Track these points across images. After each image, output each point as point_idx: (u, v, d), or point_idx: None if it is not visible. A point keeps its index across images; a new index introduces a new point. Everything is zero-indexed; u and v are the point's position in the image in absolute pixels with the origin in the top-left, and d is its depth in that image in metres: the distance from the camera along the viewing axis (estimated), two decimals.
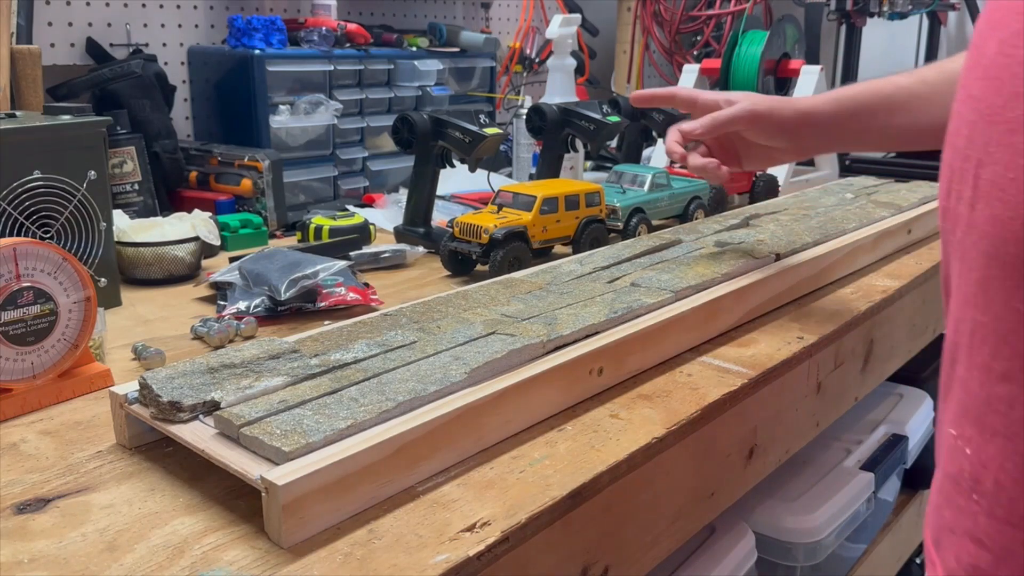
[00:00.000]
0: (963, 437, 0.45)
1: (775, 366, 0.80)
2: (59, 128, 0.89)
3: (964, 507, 0.45)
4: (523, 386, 0.65)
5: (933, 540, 0.49)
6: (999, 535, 0.43)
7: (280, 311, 0.92)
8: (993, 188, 0.41)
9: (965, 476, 0.44)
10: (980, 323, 0.43)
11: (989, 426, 0.42)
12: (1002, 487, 0.42)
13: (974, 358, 0.43)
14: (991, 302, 0.42)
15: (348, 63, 1.50)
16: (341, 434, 0.55)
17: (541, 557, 0.56)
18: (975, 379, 0.43)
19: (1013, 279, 0.40)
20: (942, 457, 0.48)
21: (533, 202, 1.07)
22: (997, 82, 0.41)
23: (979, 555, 0.44)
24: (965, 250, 0.44)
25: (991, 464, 0.43)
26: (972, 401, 0.44)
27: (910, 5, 2.00)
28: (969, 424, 0.44)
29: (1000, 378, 0.42)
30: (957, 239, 0.44)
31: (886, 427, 1.31)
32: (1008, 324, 0.41)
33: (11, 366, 0.69)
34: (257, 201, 1.32)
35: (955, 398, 0.46)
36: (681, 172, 1.44)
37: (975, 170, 0.42)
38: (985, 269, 0.42)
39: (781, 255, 0.99)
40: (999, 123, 0.40)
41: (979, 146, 0.42)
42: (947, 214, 0.46)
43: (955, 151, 0.45)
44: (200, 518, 0.55)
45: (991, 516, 0.43)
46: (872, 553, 1.25)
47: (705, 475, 0.73)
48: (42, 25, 1.32)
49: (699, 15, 2.27)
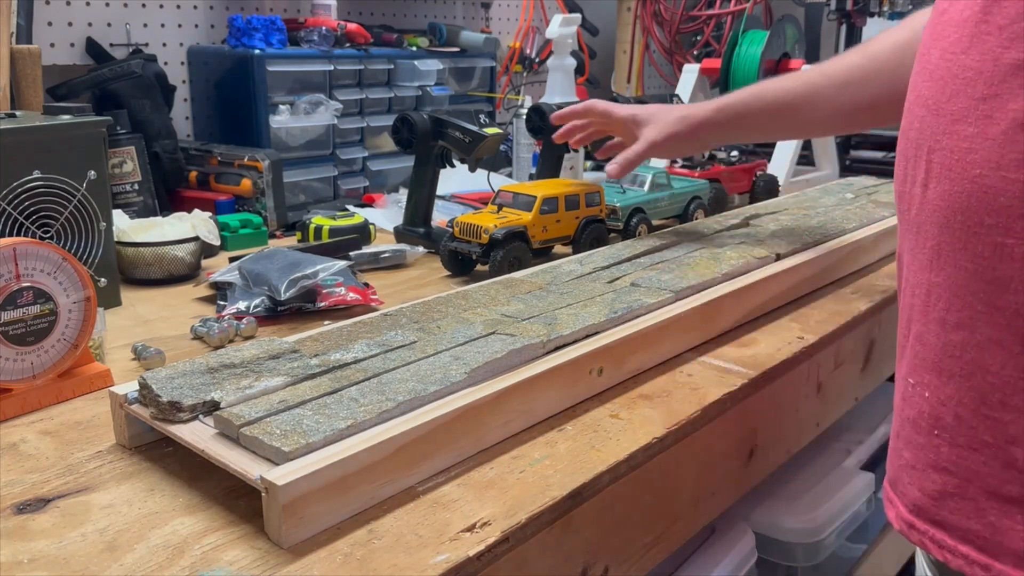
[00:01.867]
0: (921, 384, 0.52)
1: (775, 366, 0.80)
2: (59, 128, 0.89)
3: (925, 443, 0.52)
4: (523, 386, 0.65)
5: (890, 482, 0.57)
6: (963, 460, 0.50)
7: (280, 311, 0.92)
8: (942, 169, 0.49)
9: (924, 416, 0.52)
10: (934, 283, 0.50)
11: (946, 370, 0.49)
12: (962, 419, 0.49)
13: (929, 314, 0.51)
14: (944, 265, 0.49)
15: (348, 63, 1.50)
16: (341, 434, 0.55)
17: (541, 557, 0.56)
18: (931, 332, 0.51)
19: (961, 242, 0.48)
20: (899, 406, 0.55)
21: (533, 202, 1.07)
22: (941, 82, 0.49)
23: (945, 480, 0.50)
24: (920, 225, 0.51)
25: (950, 401, 0.50)
26: (928, 352, 0.51)
27: (910, 5, 1.99)
28: (926, 371, 0.51)
29: (954, 327, 0.49)
30: (912, 217, 0.52)
31: (886, 427, 1.31)
32: (959, 280, 0.48)
33: (11, 366, 0.69)
34: (257, 201, 1.32)
35: (911, 353, 0.53)
36: (681, 172, 1.44)
37: (927, 156, 0.50)
38: (938, 237, 0.49)
39: (781, 255, 0.99)
40: (944, 115, 0.49)
41: (928, 135, 0.50)
42: (903, 197, 0.54)
43: (908, 142, 0.53)
44: (200, 518, 0.55)
45: (953, 445, 0.50)
46: (872, 553, 1.25)
47: (705, 475, 0.73)
48: (42, 25, 1.32)
49: (699, 15, 2.27)
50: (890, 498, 0.56)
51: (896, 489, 0.56)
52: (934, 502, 0.52)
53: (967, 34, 0.48)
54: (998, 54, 0.46)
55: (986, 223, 0.46)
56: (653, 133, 1.01)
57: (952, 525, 0.51)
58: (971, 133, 0.47)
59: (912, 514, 0.53)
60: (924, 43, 0.53)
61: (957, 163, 0.48)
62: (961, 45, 0.48)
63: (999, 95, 0.46)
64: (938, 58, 0.50)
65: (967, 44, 0.48)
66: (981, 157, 0.46)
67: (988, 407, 0.48)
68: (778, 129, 1.07)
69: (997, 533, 0.48)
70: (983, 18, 0.47)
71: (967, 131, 0.47)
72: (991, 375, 0.47)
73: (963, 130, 0.47)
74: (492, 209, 1.10)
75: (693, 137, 1.01)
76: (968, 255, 0.48)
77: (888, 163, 1.93)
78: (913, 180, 0.52)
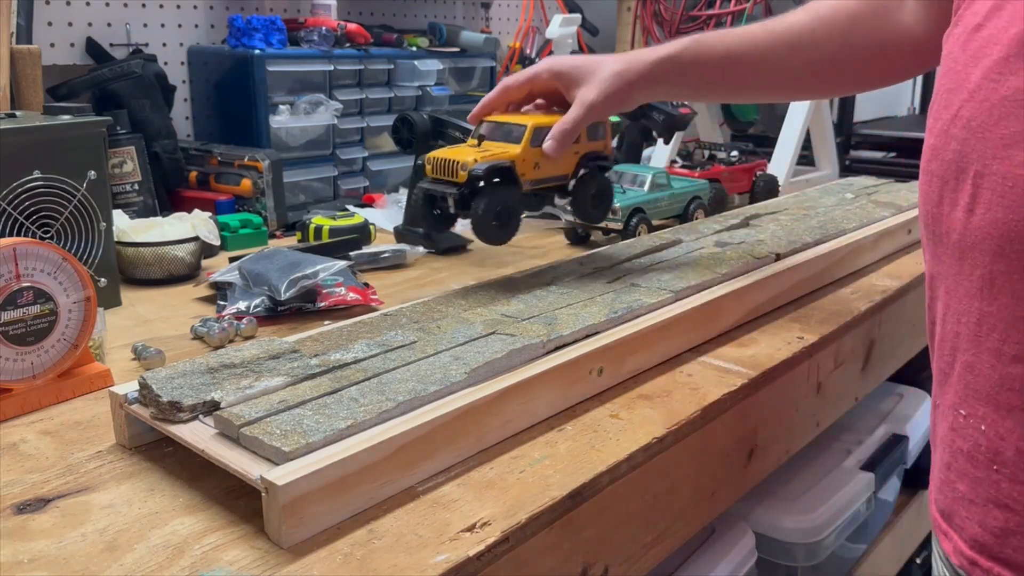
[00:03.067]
0: (975, 416, 0.50)
1: (775, 366, 0.80)
2: (59, 128, 0.89)
3: (983, 478, 0.50)
4: (523, 386, 0.65)
5: (943, 514, 0.55)
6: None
7: (280, 311, 0.92)
8: (993, 195, 0.47)
9: (982, 450, 0.50)
10: (987, 313, 0.48)
11: (1005, 403, 0.48)
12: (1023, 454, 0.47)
13: (982, 344, 0.49)
14: (998, 294, 0.47)
15: (348, 63, 1.50)
16: (341, 434, 0.55)
17: (541, 557, 0.56)
18: (984, 363, 0.49)
19: (1018, 271, 0.46)
20: (948, 437, 0.53)
21: (522, 132, 0.86)
22: (987, 104, 0.47)
23: (1007, 518, 0.49)
24: (964, 251, 0.49)
25: (1010, 436, 0.48)
26: (982, 383, 0.49)
27: None
28: (981, 404, 0.49)
29: (1012, 360, 0.47)
30: (952, 241, 0.50)
31: (886, 427, 1.31)
32: (1017, 312, 0.47)
33: (11, 366, 0.69)
34: (257, 201, 1.32)
35: (959, 383, 0.51)
36: (681, 172, 1.44)
37: (973, 180, 0.48)
38: (991, 265, 0.47)
39: (781, 255, 0.99)
40: (993, 139, 0.47)
41: (975, 159, 0.48)
42: (939, 219, 0.52)
43: (945, 164, 0.50)
44: (200, 518, 0.55)
45: (1015, 481, 0.48)
46: (872, 553, 1.25)
47: (705, 475, 0.73)
48: (42, 25, 1.32)
49: (699, 15, 2.26)
50: (944, 531, 0.55)
51: (952, 522, 0.54)
52: (996, 539, 0.50)
53: (1015, 53, 0.46)
54: None
55: None
56: (591, 95, 0.85)
57: (1016, 563, 0.49)
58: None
59: (974, 550, 0.52)
60: (956, 59, 0.51)
61: (1011, 190, 0.46)
62: (1009, 65, 0.46)
63: None
64: (980, 76, 0.48)
65: (1016, 64, 0.46)
66: None
67: None
68: (720, 90, 0.93)
69: None
70: None
71: (1021, 157, 0.45)
72: None
73: (1018, 155, 0.46)
74: (472, 143, 0.88)
75: (628, 97, 0.87)
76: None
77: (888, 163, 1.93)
78: (953, 203, 0.50)
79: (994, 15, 0.48)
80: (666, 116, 1.45)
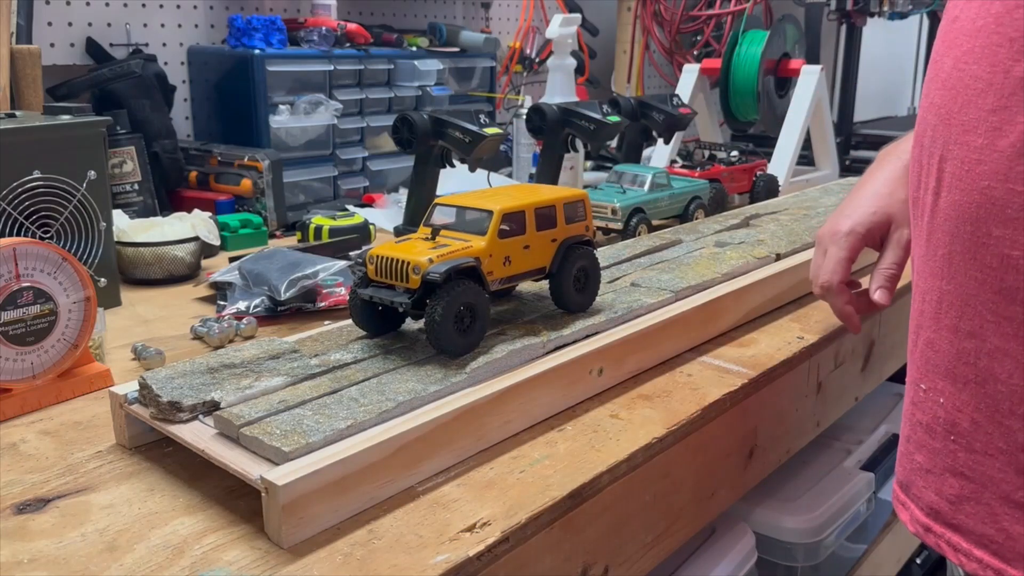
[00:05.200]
0: (934, 389, 0.52)
1: (775, 366, 0.80)
2: (59, 128, 0.89)
3: (940, 448, 0.52)
4: (523, 386, 0.65)
5: (901, 484, 0.57)
6: (979, 465, 0.50)
7: (280, 311, 0.92)
8: (952, 178, 0.49)
9: (940, 422, 0.52)
10: (946, 291, 0.51)
11: (960, 376, 0.50)
12: (978, 425, 0.50)
13: (941, 321, 0.52)
14: (955, 273, 0.50)
15: (348, 63, 1.50)
16: (341, 434, 0.55)
17: (541, 557, 0.56)
18: (943, 339, 0.51)
19: (970, 252, 0.49)
20: (909, 411, 0.56)
21: (487, 221, 0.70)
22: (953, 91, 0.49)
23: (962, 485, 0.51)
24: (931, 232, 0.52)
25: (966, 408, 0.50)
26: (940, 358, 0.52)
27: (910, 5, 1.99)
28: (939, 378, 0.52)
29: (967, 335, 0.50)
30: (924, 224, 0.53)
31: (886, 427, 1.31)
32: (969, 290, 0.49)
33: (11, 366, 0.69)
34: (257, 201, 1.32)
35: (920, 358, 0.54)
36: (681, 172, 1.44)
37: (939, 164, 0.51)
38: (950, 246, 0.50)
39: (781, 255, 0.99)
40: (955, 124, 0.49)
41: (940, 144, 0.50)
42: (916, 203, 0.54)
43: (921, 149, 0.53)
44: (200, 518, 0.55)
45: (970, 451, 0.50)
46: (872, 553, 1.25)
47: (705, 475, 0.73)
48: (42, 25, 1.32)
49: (699, 15, 2.27)
50: (902, 501, 0.57)
51: (909, 492, 0.56)
52: (951, 506, 0.52)
53: (979, 44, 0.48)
54: (1008, 66, 0.46)
55: (994, 234, 0.47)
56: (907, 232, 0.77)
57: (968, 529, 0.51)
58: (980, 144, 0.47)
59: (929, 517, 0.54)
60: (937, 49, 0.53)
61: (967, 173, 0.48)
62: (973, 55, 0.48)
63: (1008, 107, 0.46)
64: (951, 66, 0.50)
65: (979, 54, 0.48)
66: (990, 169, 0.47)
67: (1000, 414, 0.48)
68: None
69: (1010, 539, 0.49)
70: (996, 29, 0.47)
71: (976, 142, 0.47)
72: (1001, 383, 0.48)
73: (973, 140, 0.48)
74: (424, 234, 0.71)
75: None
76: (977, 265, 0.48)
77: None
78: (926, 187, 0.52)
79: (967, 6, 0.50)
80: (666, 116, 1.45)
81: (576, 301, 0.77)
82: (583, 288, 0.77)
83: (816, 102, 1.65)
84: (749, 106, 1.79)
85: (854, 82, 2.04)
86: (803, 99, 1.64)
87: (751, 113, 1.81)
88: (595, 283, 0.78)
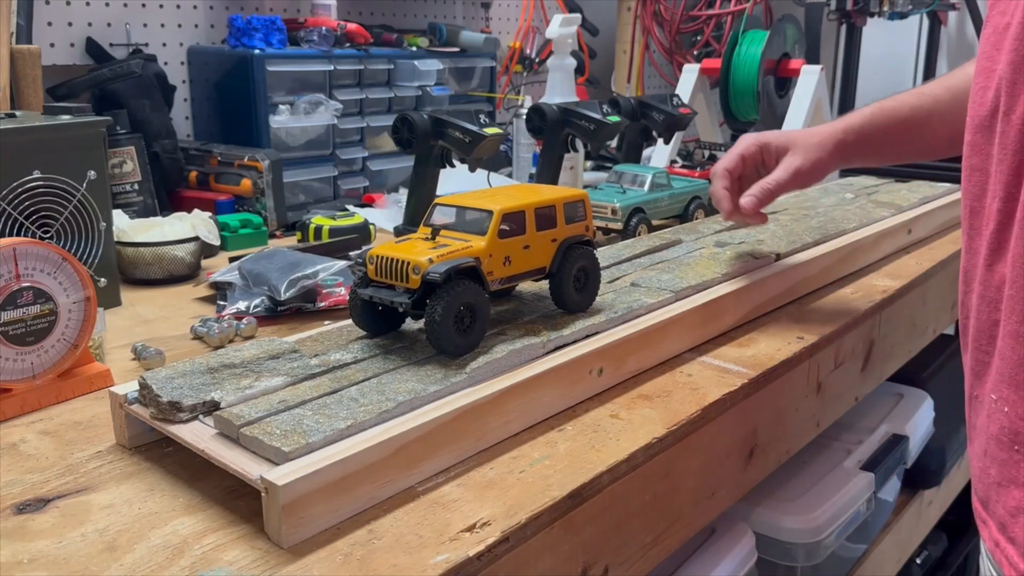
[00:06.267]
0: (1001, 399, 0.50)
1: (775, 366, 0.80)
2: (59, 128, 0.89)
3: (1007, 460, 0.50)
4: (523, 386, 0.65)
5: (981, 502, 0.54)
6: None
7: (280, 311, 0.92)
8: None
9: (1006, 432, 0.50)
10: (1009, 296, 0.49)
11: (1022, 383, 0.48)
12: None
13: (1008, 327, 0.49)
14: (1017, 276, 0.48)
15: (348, 63, 1.50)
16: (341, 434, 0.55)
17: (541, 557, 0.56)
18: (1008, 346, 0.49)
19: None
20: (982, 423, 0.53)
21: (487, 221, 0.71)
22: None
23: (1021, 496, 0.49)
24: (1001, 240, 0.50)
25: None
26: (1006, 366, 0.50)
27: (910, 5, 2.00)
28: (1005, 386, 0.50)
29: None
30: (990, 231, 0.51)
31: (886, 427, 1.31)
32: None
33: (11, 366, 0.69)
34: (257, 201, 1.32)
35: (994, 368, 0.51)
36: (681, 172, 1.44)
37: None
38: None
39: (781, 255, 0.99)
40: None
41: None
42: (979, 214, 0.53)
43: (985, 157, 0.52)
44: (200, 518, 0.55)
45: None
46: (872, 553, 1.25)
47: (705, 475, 0.73)
48: (42, 25, 1.32)
49: (699, 15, 2.27)
50: (983, 519, 0.54)
51: (988, 509, 0.54)
52: (1011, 519, 0.50)
53: None
54: None
55: None
56: (797, 161, 0.89)
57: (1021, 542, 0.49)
58: None
59: (1000, 533, 0.51)
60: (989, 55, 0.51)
61: None
62: None
63: None
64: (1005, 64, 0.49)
65: None
66: None
67: None
68: (903, 151, 0.94)
69: None
70: None
71: None
72: None
73: None
74: (424, 234, 0.72)
75: (826, 168, 0.91)
76: None
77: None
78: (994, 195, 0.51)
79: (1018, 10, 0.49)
80: (666, 116, 1.45)
81: (576, 301, 0.77)
82: (583, 288, 0.78)
83: (816, 102, 1.65)
84: (749, 106, 1.79)
85: (854, 82, 2.04)
86: (803, 99, 1.64)
87: (751, 113, 1.81)
88: (595, 283, 0.79)
